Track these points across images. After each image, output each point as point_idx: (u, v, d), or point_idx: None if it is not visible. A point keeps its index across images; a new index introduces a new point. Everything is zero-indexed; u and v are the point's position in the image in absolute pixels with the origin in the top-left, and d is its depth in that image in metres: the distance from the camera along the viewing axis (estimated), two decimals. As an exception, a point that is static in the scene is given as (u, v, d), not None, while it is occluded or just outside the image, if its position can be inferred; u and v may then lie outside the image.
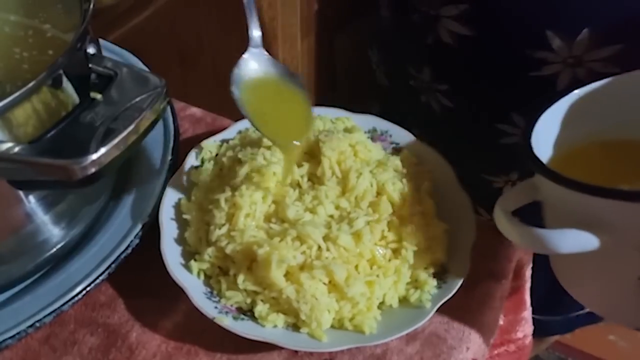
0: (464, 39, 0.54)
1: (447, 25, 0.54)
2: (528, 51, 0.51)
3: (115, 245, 0.45)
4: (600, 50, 0.48)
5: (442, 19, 0.54)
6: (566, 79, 0.51)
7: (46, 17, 0.41)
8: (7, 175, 0.35)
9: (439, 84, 0.60)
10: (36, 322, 0.40)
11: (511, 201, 0.39)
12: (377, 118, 0.53)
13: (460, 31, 0.53)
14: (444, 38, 0.55)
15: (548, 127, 0.42)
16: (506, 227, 0.38)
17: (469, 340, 0.44)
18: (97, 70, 0.40)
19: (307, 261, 0.41)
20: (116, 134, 0.35)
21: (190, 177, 0.48)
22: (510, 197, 0.40)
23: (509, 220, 0.37)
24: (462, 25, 0.53)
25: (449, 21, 0.53)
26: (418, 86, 0.62)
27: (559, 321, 0.96)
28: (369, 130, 0.52)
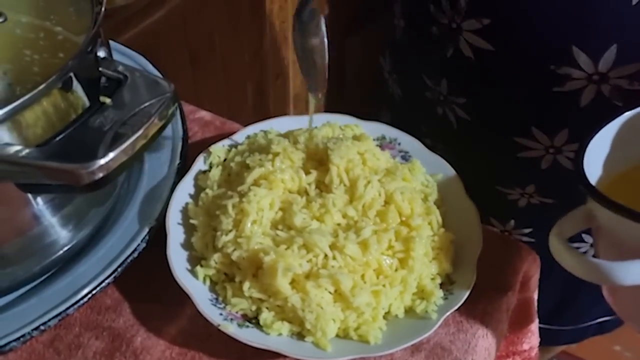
0: (485, 53, 0.53)
1: (468, 38, 0.53)
2: (552, 66, 0.50)
3: (122, 249, 0.45)
4: (626, 67, 0.48)
5: (463, 32, 0.53)
6: (590, 95, 0.51)
7: (58, 20, 0.41)
8: (14, 178, 0.35)
9: (456, 96, 0.59)
10: (41, 325, 0.40)
11: (567, 228, 0.38)
12: (386, 126, 0.52)
13: (482, 45, 0.53)
14: (465, 51, 0.54)
15: (598, 150, 0.41)
16: (564, 256, 0.36)
17: (474, 352, 0.44)
18: (107, 74, 0.40)
19: (313, 270, 0.41)
20: (124, 139, 0.35)
21: (198, 181, 0.48)
22: (565, 224, 0.38)
23: (567, 249, 0.36)
24: (483, 39, 0.52)
25: (470, 35, 0.53)
26: (434, 97, 0.62)
27: (568, 331, 0.95)
28: (378, 137, 0.52)
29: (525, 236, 0.67)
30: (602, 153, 0.42)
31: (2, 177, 0.35)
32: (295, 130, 0.50)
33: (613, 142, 0.42)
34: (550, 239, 0.37)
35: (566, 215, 0.38)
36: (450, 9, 0.53)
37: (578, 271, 0.35)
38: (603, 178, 0.41)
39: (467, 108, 0.59)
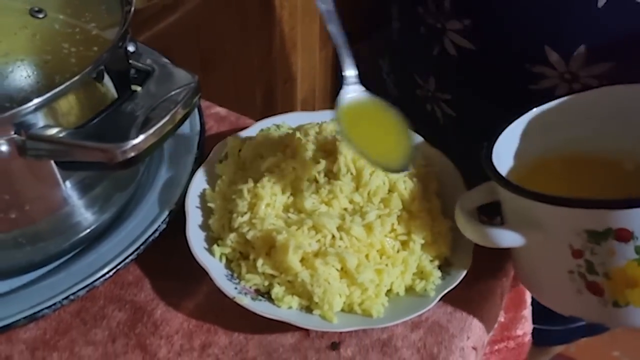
0: (467, 51, 0.56)
1: (452, 38, 0.56)
2: (527, 65, 0.53)
3: (144, 229, 0.48)
4: (595, 67, 0.50)
5: (447, 32, 0.56)
6: (562, 92, 0.53)
7: (91, 17, 0.45)
8: (54, 157, 0.39)
9: (442, 93, 0.62)
10: (71, 295, 0.44)
11: (471, 201, 0.45)
12: None
13: (464, 44, 0.55)
14: (449, 50, 0.57)
15: (510, 140, 0.48)
16: (462, 223, 0.43)
17: (469, 330, 0.47)
18: (136, 66, 0.44)
19: (322, 249, 0.44)
20: (154, 123, 0.38)
21: (214, 169, 0.52)
22: (470, 197, 0.45)
23: (465, 218, 0.43)
24: (465, 38, 0.55)
25: (454, 34, 0.55)
26: (423, 95, 0.64)
27: (559, 331, 0.98)
28: None
29: None
30: (513, 145, 0.48)
31: (44, 156, 0.39)
32: (306, 124, 0.54)
33: (523, 135, 0.48)
34: (456, 210, 0.44)
35: (471, 190, 0.45)
36: (435, 10, 0.56)
37: (471, 236, 0.43)
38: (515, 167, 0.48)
39: (452, 104, 0.62)
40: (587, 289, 0.41)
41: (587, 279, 0.40)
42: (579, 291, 0.41)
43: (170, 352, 0.45)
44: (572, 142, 0.49)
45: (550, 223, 0.40)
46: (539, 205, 0.40)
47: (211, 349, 0.45)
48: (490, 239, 0.43)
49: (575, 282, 0.41)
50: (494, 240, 0.43)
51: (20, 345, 0.45)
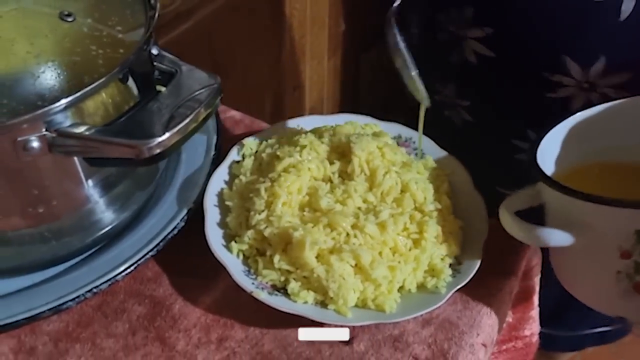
0: (487, 59, 0.57)
1: (472, 45, 0.57)
2: (546, 74, 0.54)
3: (163, 227, 0.50)
4: (613, 77, 0.52)
5: (467, 39, 0.57)
6: (580, 102, 0.55)
7: (117, 21, 0.47)
8: (83, 153, 0.41)
9: (461, 99, 0.63)
10: (94, 289, 0.45)
11: (516, 203, 0.46)
12: (402, 126, 0.58)
13: (484, 52, 0.57)
14: (469, 57, 0.58)
15: (552, 145, 0.48)
16: (508, 223, 0.44)
17: (479, 327, 0.48)
18: (160, 68, 0.46)
19: (337, 245, 0.45)
20: (179, 121, 0.40)
21: (232, 169, 0.53)
22: (515, 199, 0.46)
23: (512, 218, 0.44)
24: (485, 46, 0.56)
25: (474, 42, 0.57)
26: (442, 101, 0.66)
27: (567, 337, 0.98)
28: (395, 136, 0.57)
29: None
30: (555, 150, 0.48)
31: (73, 152, 0.41)
32: (320, 127, 0.55)
33: (565, 140, 0.48)
34: (500, 210, 0.45)
35: (516, 193, 0.46)
36: (457, 18, 0.57)
37: (519, 234, 0.44)
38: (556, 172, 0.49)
39: (470, 110, 0.63)
40: (635, 290, 0.41)
41: (634, 280, 0.41)
42: (626, 291, 0.42)
43: (189, 344, 0.46)
44: (610, 151, 0.49)
45: (599, 224, 0.41)
46: (589, 206, 0.40)
47: (228, 342, 0.46)
48: (539, 239, 0.43)
49: (622, 282, 0.41)
50: (543, 239, 0.43)
51: (44, 337, 0.46)
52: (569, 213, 0.42)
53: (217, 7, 1.12)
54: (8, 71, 0.41)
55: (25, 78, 0.40)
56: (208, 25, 1.09)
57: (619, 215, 0.39)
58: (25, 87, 0.40)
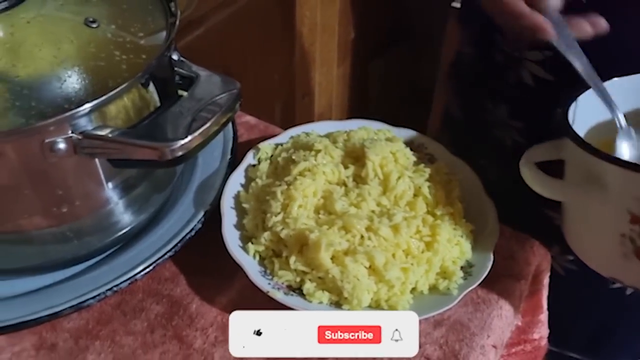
0: (545, 82, 0.56)
1: (530, 68, 0.56)
2: None
3: (181, 228, 0.51)
4: None
5: (525, 62, 0.56)
6: None
7: (139, 27, 0.48)
8: (107, 155, 0.42)
9: (514, 120, 0.62)
10: (114, 287, 0.47)
11: (536, 155, 0.47)
12: (414, 132, 0.59)
13: (542, 75, 0.56)
14: (525, 79, 0.57)
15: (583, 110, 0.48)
16: (527, 174, 0.45)
17: (490, 329, 0.49)
18: (181, 73, 0.47)
19: (351, 247, 0.47)
20: (201, 124, 0.41)
21: (248, 173, 0.55)
22: (536, 151, 0.47)
23: (531, 169, 0.45)
24: (544, 69, 0.56)
25: (532, 65, 0.56)
26: (493, 121, 0.65)
27: None
28: (406, 142, 0.58)
29: (568, 262, 0.69)
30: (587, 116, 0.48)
31: (97, 154, 0.42)
32: (334, 132, 0.56)
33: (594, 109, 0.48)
34: (521, 162, 0.45)
35: (538, 145, 0.47)
36: (514, 40, 0.56)
37: (536, 186, 0.45)
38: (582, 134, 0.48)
39: (524, 132, 0.62)
40: (635, 254, 0.42)
41: (636, 245, 0.41)
42: (625, 255, 0.42)
43: (206, 343, 0.47)
44: None
45: (615, 186, 0.41)
46: (608, 166, 0.40)
47: (244, 342, 0.48)
48: (556, 191, 0.44)
49: (624, 246, 0.42)
50: (559, 192, 0.44)
51: (65, 333, 0.47)
52: (588, 171, 0.43)
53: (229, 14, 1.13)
54: (36, 75, 0.42)
55: (52, 82, 0.42)
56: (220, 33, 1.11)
57: (635, 180, 0.40)
58: (52, 91, 0.41)
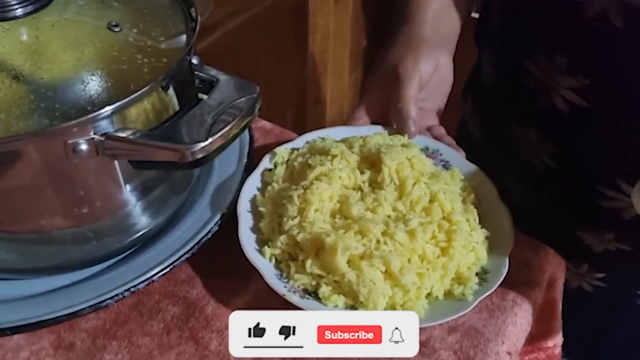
0: (579, 108, 0.55)
1: (564, 94, 0.55)
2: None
3: (197, 231, 0.52)
4: None
5: (559, 88, 0.55)
6: None
7: (160, 32, 0.49)
8: (128, 156, 0.43)
9: (545, 145, 0.61)
10: (131, 288, 0.47)
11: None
12: (428, 138, 0.59)
13: (577, 101, 0.55)
14: (559, 106, 0.56)
15: None
16: None
17: (504, 336, 0.49)
18: (201, 77, 0.48)
19: (367, 252, 0.47)
20: (221, 127, 0.42)
21: (264, 177, 0.55)
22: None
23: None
24: (579, 96, 0.54)
25: (567, 91, 0.55)
26: (521, 144, 0.63)
27: None
28: (422, 148, 0.58)
29: (597, 281, 0.69)
30: None
31: (119, 155, 0.43)
32: (350, 137, 0.57)
33: None
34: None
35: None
36: (548, 66, 0.55)
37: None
38: None
39: (556, 157, 0.61)
40: None
41: None
42: None
43: (221, 345, 0.48)
44: None
45: None
46: None
47: (259, 344, 0.48)
48: None
49: None
50: None
51: (82, 333, 0.48)
52: None
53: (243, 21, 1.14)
54: (60, 78, 0.42)
55: (76, 84, 0.42)
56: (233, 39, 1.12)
57: None
58: (76, 93, 0.42)
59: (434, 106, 0.61)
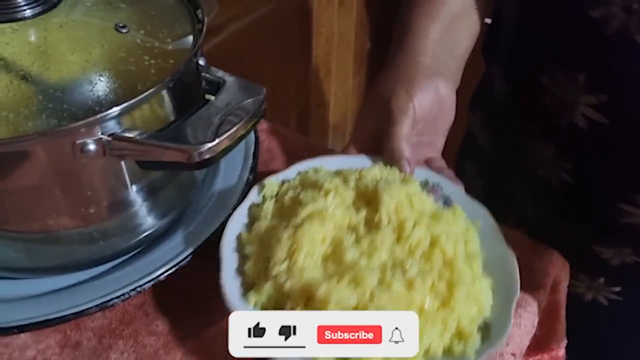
0: (599, 125, 0.54)
1: (584, 111, 0.54)
2: None
3: (203, 231, 0.52)
4: None
5: (579, 105, 0.54)
6: None
7: (167, 33, 0.49)
8: (135, 157, 0.43)
9: (563, 161, 0.60)
10: (138, 287, 0.47)
11: None
12: (429, 171, 0.54)
13: (597, 118, 0.53)
14: (579, 122, 0.55)
15: None
16: None
17: (509, 337, 0.49)
18: (207, 78, 0.48)
19: (361, 304, 0.43)
20: (228, 128, 0.42)
21: (251, 212, 0.50)
22: None
23: None
24: (599, 113, 0.53)
25: (587, 108, 0.54)
26: (537, 160, 0.62)
27: None
28: (421, 182, 0.52)
29: (613, 294, 0.68)
30: None
31: (126, 155, 0.43)
32: (345, 170, 0.51)
33: None
34: None
35: None
36: (566, 83, 0.54)
37: None
38: None
39: (573, 173, 0.59)
40: None
41: None
42: None
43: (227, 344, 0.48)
44: None
45: None
46: None
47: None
48: None
49: None
50: None
51: (89, 332, 0.48)
52: None
53: (247, 23, 1.15)
54: (68, 78, 0.43)
55: (84, 85, 0.43)
56: (238, 41, 1.12)
57: None
58: (84, 94, 0.42)
59: (433, 140, 0.56)
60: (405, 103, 0.52)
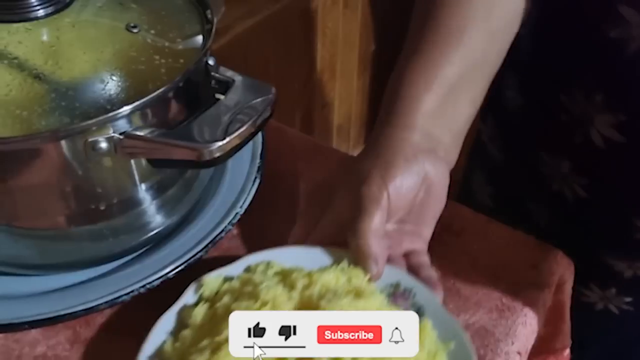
0: (616, 143, 0.54)
1: (601, 129, 0.54)
2: None
3: (211, 230, 0.52)
4: None
5: (596, 123, 0.54)
6: None
7: (177, 33, 0.50)
8: (146, 155, 0.43)
9: (579, 177, 0.59)
10: (147, 285, 0.48)
11: None
12: (402, 272, 0.47)
13: (613, 136, 0.53)
14: (595, 140, 0.55)
15: None
16: None
17: (514, 336, 0.50)
18: (217, 77, 0.48)
19: None
20: (238, 127, 0.43)
21: (182, 315, 0.45)
22: None
23: None
24: (617, 131, 0.53)
25: (604, 127, 0.54)
26: (551, 174, 0.61)
27: None
28: (392, 284, 0.46)
29: (625, 304, 0.68)
30: None
31: (137, 153, 0.43)
32: (295, 272, 0.45)
33: None
34: None
35: None
36: (584, 101, 0.54)
37: None
38: None
39: (588, 188, 0.59)
40: None
41: None
42: None
43: (234, 342, 0.48)
44: None
45: None
46: None
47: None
48: None
49: None
50: None
51: (98, 329, 0.49)
52: None
53: (252, 24, 1.15)
54: (80, 77, 0.43)
55: (96, 84, 0.43)
56: (243, 42, 1.13)
57: None
58: (95, 92, 0.43)
59: (418, 229, 0.49)
60: (377, 191, 0.45)
